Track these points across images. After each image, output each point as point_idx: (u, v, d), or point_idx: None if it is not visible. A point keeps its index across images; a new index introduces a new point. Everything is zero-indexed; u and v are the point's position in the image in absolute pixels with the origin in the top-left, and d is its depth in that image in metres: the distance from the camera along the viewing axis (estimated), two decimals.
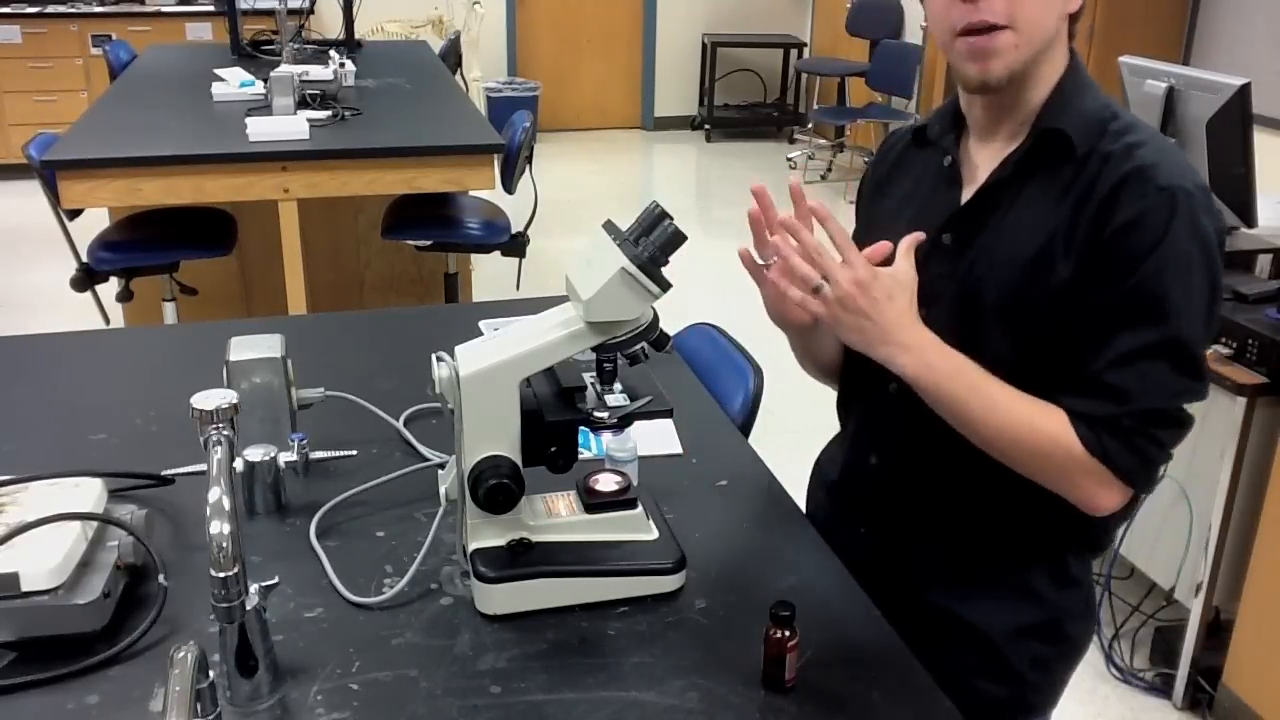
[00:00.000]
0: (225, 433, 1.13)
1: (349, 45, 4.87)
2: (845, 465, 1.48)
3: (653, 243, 1.17)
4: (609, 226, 1.22)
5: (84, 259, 3.40)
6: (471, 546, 1.25)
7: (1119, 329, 1.18)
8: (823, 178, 7.23)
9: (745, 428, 1.77)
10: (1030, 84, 1.24)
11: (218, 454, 1.10)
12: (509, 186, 3.72)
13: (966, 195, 1.31)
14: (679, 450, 1.63)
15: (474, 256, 4.07)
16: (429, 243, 3.69)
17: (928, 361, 1.21)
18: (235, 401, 1.15)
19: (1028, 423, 1.20)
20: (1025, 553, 1.33)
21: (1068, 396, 1.20)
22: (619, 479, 1.34)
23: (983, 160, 1.31)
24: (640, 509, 1.31)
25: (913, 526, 1.37)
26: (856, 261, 1.19)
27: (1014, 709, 1.38)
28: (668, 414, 1.27)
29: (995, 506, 1.28)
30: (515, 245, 3.76)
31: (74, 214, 3.36)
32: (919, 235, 1.25)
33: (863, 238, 1.48)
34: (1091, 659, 2.66)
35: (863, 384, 1.44)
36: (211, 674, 1.01)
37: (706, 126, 8.18)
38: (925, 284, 1.32)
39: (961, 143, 1.35)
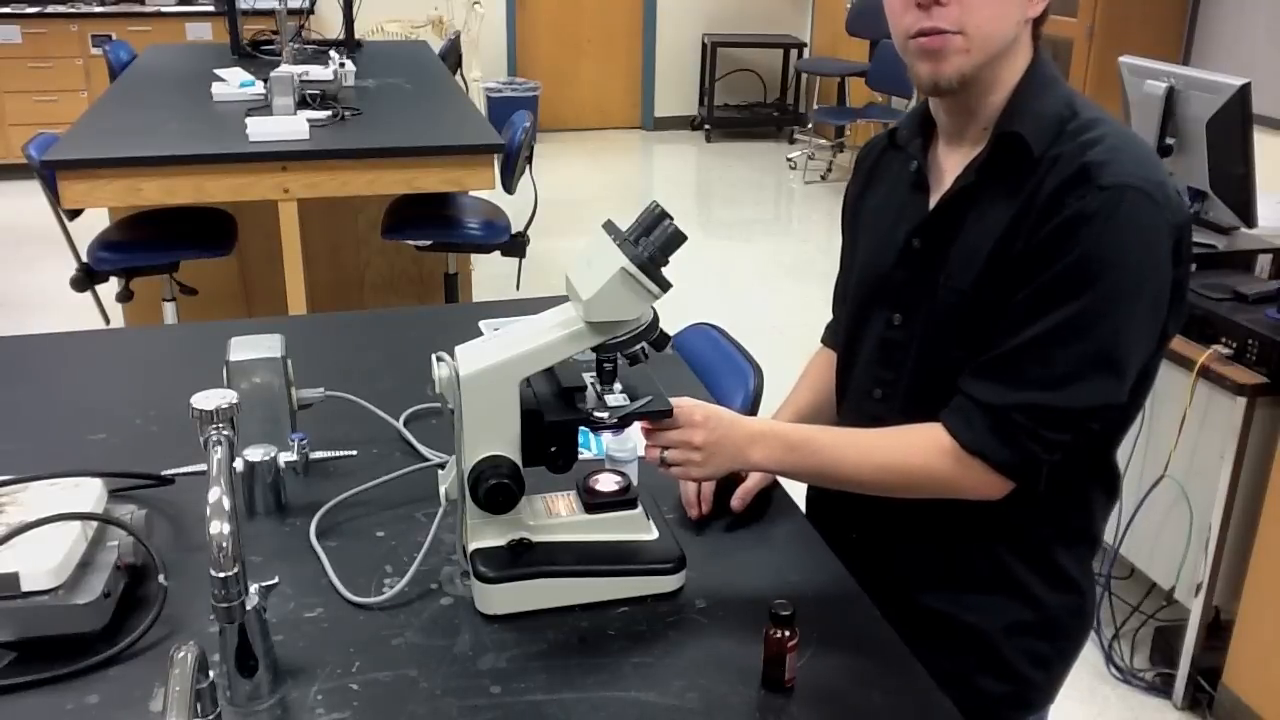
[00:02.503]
0: (225, 433, 1.13)
1: (349, 45, 4.87)
2: None
3: (653, 243, 1.17)
4: (609, 226, 1.21)
5: (84, 259, 3.40)
6: (471, 546, 1.25)
7: (1033, 316, 1.17)
8: (823, 178, 7.23)
9: None
10: (989, 88, 1.24)
11: (218, 454, 1.10)
12: (509, 186, 3.72)
13: (934, 200, 1.31)
14: None
15: (474, 256, 4.07)
16: (429, 243, 3.69)
17: (770, 446, 1.30)
18: (235, 401, 1.15)
19: (895, 461, 1.26)
20: (1013, 550, 1.33)
21: (964, 378, 1.22)
22: (619, 479, 1.33)
23: (950, 165, 1.31)
24: (640, 509, 1.31)
25: (900, 530, 1.37)
26: (673, 422, 1.27)
27: (1014, 705, 1.38)
28: (668, 414, 1.27)
29: (975, 506, 1.27)
30: (515, 245, 3.76)
31: (74, 214, 3.36)
32: None
33: (852, 248, 1.49)
34: (1091, 659, 2.66)
35: (848, 391, 1.45)
36: (211, 674, 1.01)
37: (706, 127, 8.18)
38: (896, 290, 1.34)
39: (930, 148, 1.36)
